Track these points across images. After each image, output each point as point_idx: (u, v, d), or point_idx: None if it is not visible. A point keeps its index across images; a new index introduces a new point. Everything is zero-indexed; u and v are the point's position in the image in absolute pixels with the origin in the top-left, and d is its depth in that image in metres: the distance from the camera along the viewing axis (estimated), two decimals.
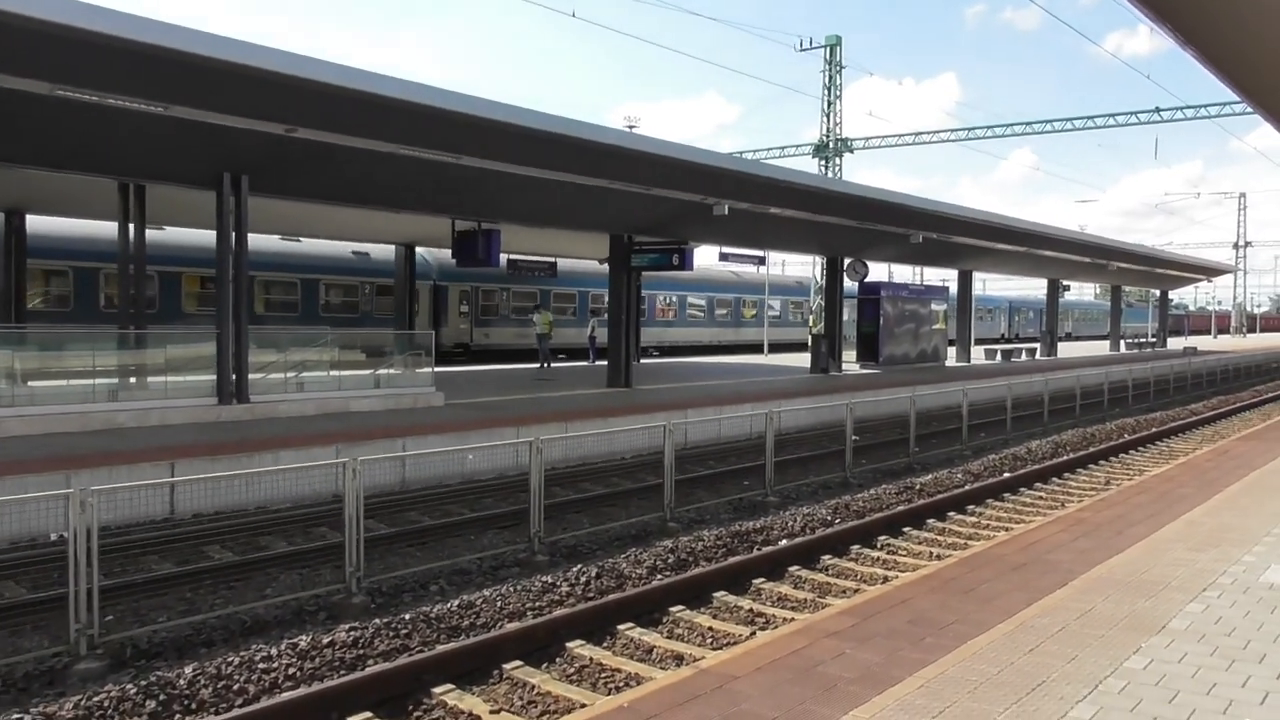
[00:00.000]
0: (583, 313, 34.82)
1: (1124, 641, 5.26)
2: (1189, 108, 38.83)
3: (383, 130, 13.54)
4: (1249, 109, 17.98)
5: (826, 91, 43.59)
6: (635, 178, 17.55)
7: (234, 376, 14.50)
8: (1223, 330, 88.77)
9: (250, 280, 26.48)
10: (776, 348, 41.54)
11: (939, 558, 9.60)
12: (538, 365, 27.24)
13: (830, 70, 43.07)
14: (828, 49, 42.85)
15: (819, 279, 39.62)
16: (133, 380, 14.76)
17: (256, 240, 26.47)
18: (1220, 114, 37.74)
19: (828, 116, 43.77)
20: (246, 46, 11.08)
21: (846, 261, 29.82)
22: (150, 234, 20.69)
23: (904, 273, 61.80)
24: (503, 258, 25.74)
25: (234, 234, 14.39)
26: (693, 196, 19.18)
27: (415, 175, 15.77)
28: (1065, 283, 47.41)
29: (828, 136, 43.85)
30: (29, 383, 13.54)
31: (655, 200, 18.99)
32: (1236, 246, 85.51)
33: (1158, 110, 39.13)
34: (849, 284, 30.99)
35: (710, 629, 7.69)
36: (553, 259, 31.17)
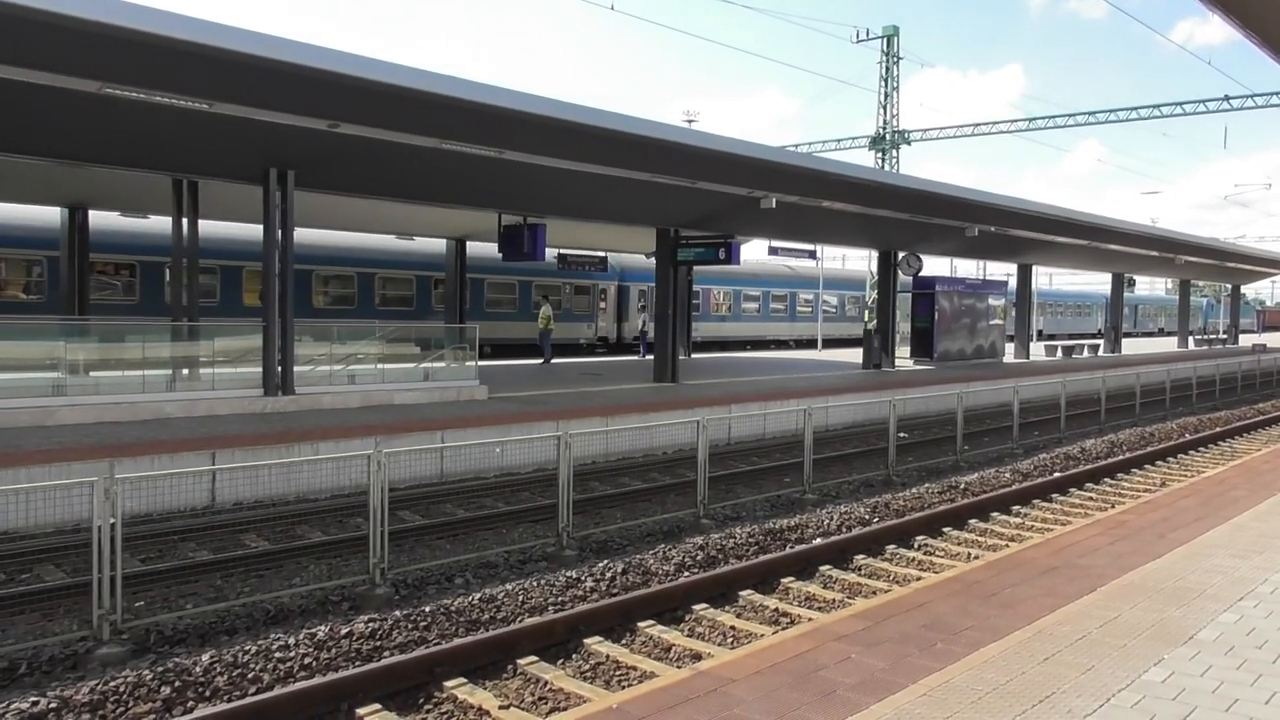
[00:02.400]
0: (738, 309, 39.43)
1: (1146, 652, 5.04)
2: (1259, 95, 37.29)
3: (425, 125, 13.62)
4: None
5: (883, 83, 42.91)
6: (681, 171, 17.42)
7: (279, 369, 14.74)
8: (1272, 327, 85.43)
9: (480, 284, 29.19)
10: (832, 343, 41.09)
11: (976, 559, 9.35)
12: (541, 360, 26.84)
13: (887, 61, 42.39)
14: (884, 40, 42.16)
15: (873, 273, 39.04)
16: (184, 371, 15.09)
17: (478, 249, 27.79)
18: None
19: (884, 108, 43.07)
20: (286, 43, 11.23)
21: (900, 255, 29.31)
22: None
23: (967, 267, 60.60)
24: (550, 251, 25.88)
25: (280, 229, 14.61)
26: (740, 190, 18.99)
27: (460, 170, 15.86)
28: (1131, 276, 46.01)
29: (884, 128, 43.16)
30: (81, 373, 13.92)
31: (702, 194, 18.84)
32: None
33: (1227, 99, 37.68)
34: (905, 278, 30.48)
35: (732, 628, 7.58)
36: (602, 253, 31.19)
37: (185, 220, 16.63)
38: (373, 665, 6.32)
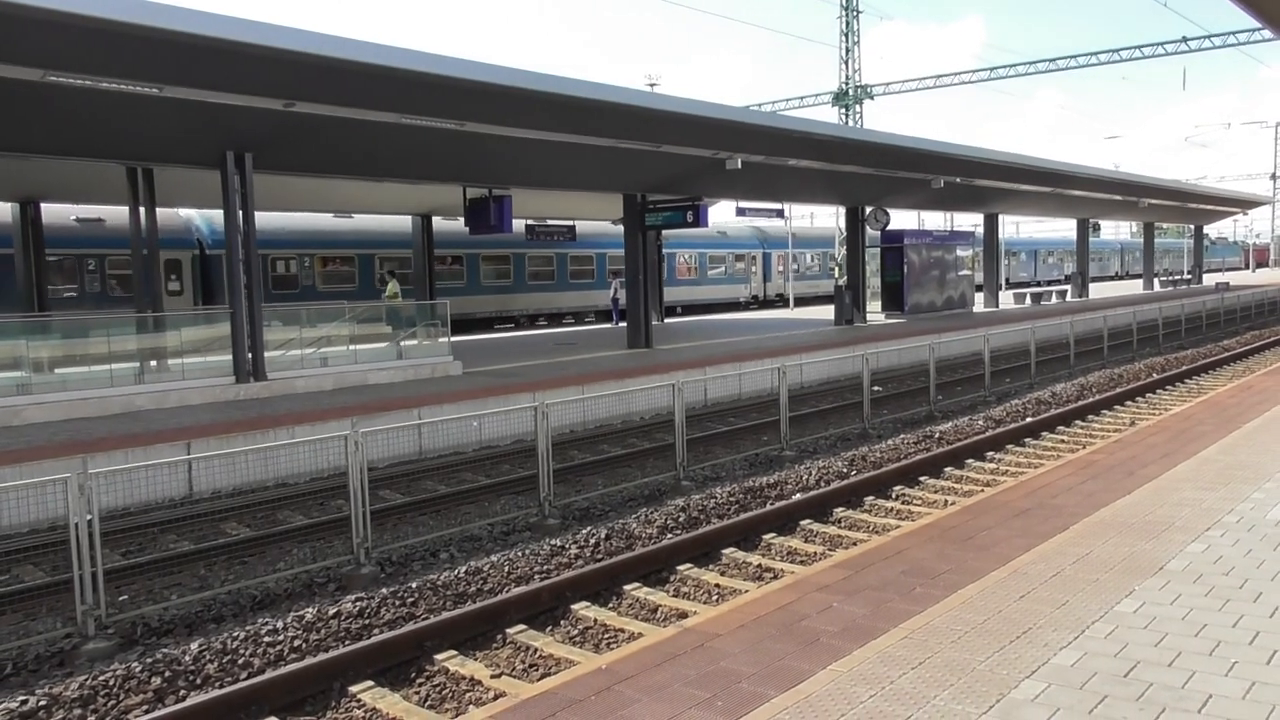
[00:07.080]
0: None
1: (1118, 585, 5.17)
2: (1216, 35, 37.49)
3: (383, 100, 13.44)
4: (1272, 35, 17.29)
5: (844, 38, 42.74)
6: (645, 136, 17.33)
7: (250, 355, 14.62)
8: (1261, 264, 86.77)
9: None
10: (803, 301, 41.31)
11: (952, 505, 9.50)
12: None
13: (847, 16, 42.21)
14: None
15: (842, 229, 39.16)
16: (153, 363, 14.92)
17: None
18: (1249, 41, 36.40)
19: (846, 63, 42.95)
20: (235, 22, 11.01)
21: (868, 210, 29.39)
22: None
23: (935, 219, 60.85)
24: (519, 223, 25.70)
25: (240, 212, 14.41)
26: (704, 152, 18.94)
27: (421, 144, 15.69)
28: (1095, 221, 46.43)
29: (847, 84, 43.06)
30: (47, 370, 13.72)
31: (667, 157, 18.76)
32: (1274, 177, 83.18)
33: (1184, 40, 37.84)
34: (874, 233, 30.58)
35: (716, 585, 7.68)
36: (571, 222, 31.00)
37: (142, 209, 16.35)
38: (363, 643, 6.35)
